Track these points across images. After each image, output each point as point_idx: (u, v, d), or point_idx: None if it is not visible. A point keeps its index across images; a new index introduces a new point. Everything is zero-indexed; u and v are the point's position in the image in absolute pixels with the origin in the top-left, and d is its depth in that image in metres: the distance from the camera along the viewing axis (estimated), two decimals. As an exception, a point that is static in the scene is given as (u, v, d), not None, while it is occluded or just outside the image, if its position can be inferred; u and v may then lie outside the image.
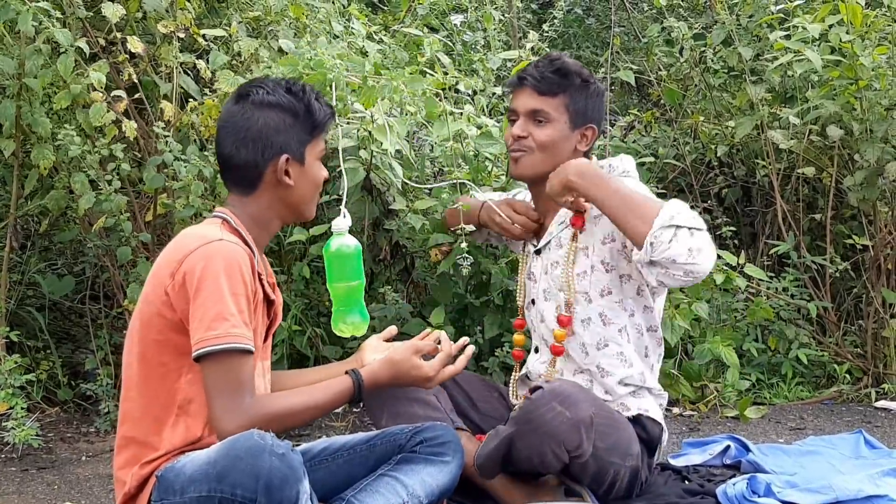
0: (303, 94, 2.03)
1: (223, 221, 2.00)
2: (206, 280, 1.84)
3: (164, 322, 1.89)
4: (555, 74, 2.44)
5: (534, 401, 2.21)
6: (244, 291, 1.87)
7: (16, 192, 3.38)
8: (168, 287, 1.88)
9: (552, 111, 2.43)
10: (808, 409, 3.63)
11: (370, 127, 2.95)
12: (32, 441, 3.08)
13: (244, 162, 2.00)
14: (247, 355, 1.85)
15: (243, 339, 1.84)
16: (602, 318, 2.44)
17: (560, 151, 2.44)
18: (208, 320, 1.82)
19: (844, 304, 4.12)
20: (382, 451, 2.14)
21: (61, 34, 2.94)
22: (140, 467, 1.91)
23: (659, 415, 2.49)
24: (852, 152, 3.88)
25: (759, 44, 4.10)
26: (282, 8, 3.43)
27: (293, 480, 1.72)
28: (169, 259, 1.91)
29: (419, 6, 4.06)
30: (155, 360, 1.92)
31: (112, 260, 3.40)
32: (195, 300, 1.84)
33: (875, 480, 2.56)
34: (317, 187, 2.09)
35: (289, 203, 2.05)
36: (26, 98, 3.11)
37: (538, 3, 5.75)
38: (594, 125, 2.48)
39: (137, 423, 1.94)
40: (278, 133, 1.99)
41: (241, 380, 1.84)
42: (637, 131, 4.60)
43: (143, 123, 3.37)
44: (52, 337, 3.70)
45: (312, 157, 2.06)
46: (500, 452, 2.25)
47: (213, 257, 1.86)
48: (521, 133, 2.45)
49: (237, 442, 1.73)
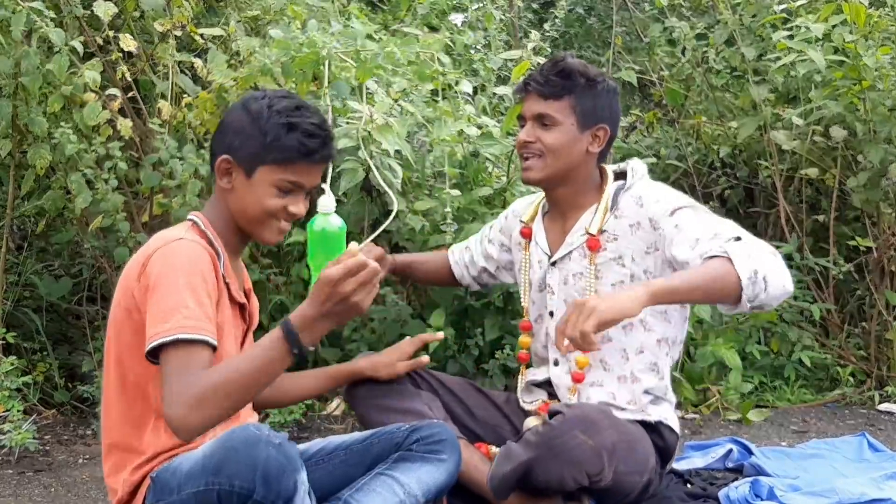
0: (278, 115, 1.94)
1: (192, 224, 1.99)
2: (162, 276, 1.81)
3: (133, 325, 1.87)
4: (558, 76, 2.38)
5: (555, 427, 2.17)
6: (203, 287, 1.83)
7: (12, 193, 3.36)
8: (135, 290, 1.86)
9: (557, 114, 2.38)
10: (811, 412, 3.61)
11: (369, 127, 2.93)
12: (29, 444, 3.06)
13: (210, 151, 2.03)
14: (202, 346, 1.75)
15: (198, 330, 1.76)
16: (644, 325, 2.39)
17: (570, 154, 2.39)
18: (161, 314, 1.76)
19: (848, 306, 4.10)
20: (379, 450, 2.12)
21: (55, 34, 2.93)
22: (130, 473, 1.89)
23: (676, 423, 2.47)
24: (856, 153, 3.87)
25: (762, 44, 4.08)
26: (280, 7, 3.41)
27: (290, 470, 1.70)
28: (136, 262, 1.90)
29: (419, 6, 4.05)
30: (128, 364, 1.90)
31: (109, 261, 3.39)
32: (151, 297, 1.80)
33: (878, 484, 2.55)
34: (264, 211, 1.97)
35: (234, 209, 1.99)
36: (23, 97, 3.09)
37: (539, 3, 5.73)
38: (606, 125, 2.41)
39: (118, 429, 1.92)
40: (237, 134, 1.96)
41: (188, 369, 1.72)
42: (639, 132, 4.59)
43: (140, 123, 3.35)
44: (49, 339, 3.68)
45: (267, 178, 1.95)
46: (517, 476, 2.21)
47: (170, 255, 1.84)
48: (529, 138, 2.41)
49: (233, 434, 1.72)
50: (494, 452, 2.47)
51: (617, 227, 2.37)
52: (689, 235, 2.19)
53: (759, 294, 2.04)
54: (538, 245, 2.53)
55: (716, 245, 2.11)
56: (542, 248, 2.52)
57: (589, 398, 2.43)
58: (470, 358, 3.33)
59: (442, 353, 3.30)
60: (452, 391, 2.56)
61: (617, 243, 2.37)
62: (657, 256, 2.32)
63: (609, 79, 2.44)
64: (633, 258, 2.35)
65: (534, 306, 2.56)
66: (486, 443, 2.52)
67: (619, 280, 2.37)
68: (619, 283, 2.36)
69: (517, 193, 3.26)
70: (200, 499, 1.73)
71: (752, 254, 2.06)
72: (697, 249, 2.14)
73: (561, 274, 2.46)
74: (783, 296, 2.10)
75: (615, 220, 2.38)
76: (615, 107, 2.45)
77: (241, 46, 3.20)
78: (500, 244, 2.68)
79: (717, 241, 2.13)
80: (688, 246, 2.18)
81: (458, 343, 3.32)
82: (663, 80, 4.51)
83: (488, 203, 3.28)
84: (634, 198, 2.36)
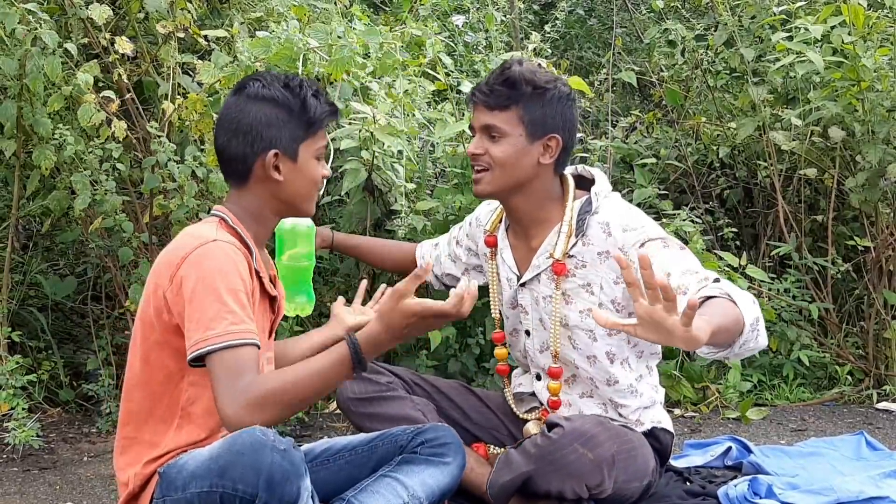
0: (299, 89, 1.99)
1: (220, 220, 1.99)
2: (201, 281, 1.82)
3: (163, 325, 1.89)
4: (503, 86, 2.27)
5: (555, 441, 2.19)
6: (242, 288, 1.86)
7: (17, 193, 3.38)
8: (166, 290, 1.87)
9: (504, 125, 2.27)
10: (809, 410, 3.63)
11: (372, 127, 2.96)
12: (34, 442, 3.08)
13: (234, 154, 1.98)
14: (250, 348, 1.82)
15: (245, 335, 1.81)
16: (609, 356, 2.37)
17: (519, 166, 2.29)
18: (206, 320, 1.80)
19: (846, 305, 4.11)
20: (384, 452, 2.14)
21: (47, 35, 2.94)
22: (143, 466, 1.91)
23: (669, 423, 2.48)
24: (854, 154, 3.88)
25: (761, 45, 4.10)
26: (283, 8, 3.43)
27: (294, 477, 1.72)
28: (167, 262, 1.90)
29: (421, 7, 4.07)
30: (158, 362, 1.92)
31: (114, 261, 3.40)
32: (191, 303, 1.82)
33: (876, 482, 2.57)
34: (313, 184, 2.04)
35: (281, 198, 2.02)
36: (27, 98, 3.11)
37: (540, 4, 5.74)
38: (558, 134, 2.29)
39: (142, 425, 1.94)
40: (269, 127, 1.96)
41: (240, 369, 1.79)
42: (639, 132, 4.60)
43: (143, 124, 3.37)
44: (54, 337, 3.69)
45: (308, 154, 2.01)
46: (516, 485, 2.24)
47: (207, 257, 1.85)
48: (477, 150, 2.30)
49: (239, 437, 1.73)
50: (493, 452, 2.50)
51: (585, 253, 2.31)
52: (660, 268, 2.07)
53: (750, 343, 1.91)
54: (505, 262, 2.48)
55: (693, 282, 2.01)
56: (509, 266, 2.47)
57: (581, 410, 2.43)
58: (471, 357, 3.34)
59: (443, 352, 3.32)
60: (447, 395, 2.57)
61: (585, 270, 2.32)
62: (625, 287, 2.23)
63: (562, 84, 2.32)
64: (601, 286, 2.31)
65: (507, 321, 2.54)
66: (484, 443, 2.54)
67: (587, 307, 2.32)
68: (588, 311, 2.31)
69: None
70: (204, 500, 1.75)
71: (752, 299, 1.95)
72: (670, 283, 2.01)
73: (531, 295, 2.42)
74: (758, 349, 1.98)
75: (583, 246, 2.31)
76: (568, 114, 2.32)
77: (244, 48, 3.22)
78: (468, 248, 2.63)
79: (691, 277, 2.03)
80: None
81: (459, 342, 3.34)
82: (663, 80, 4.53)
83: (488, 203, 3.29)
84: (602, 224, 2.29)
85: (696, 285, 2.00)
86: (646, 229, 2.25)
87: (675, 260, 2.11)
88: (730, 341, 1.88)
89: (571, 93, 2.36)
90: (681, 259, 2.12)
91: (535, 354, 2.48)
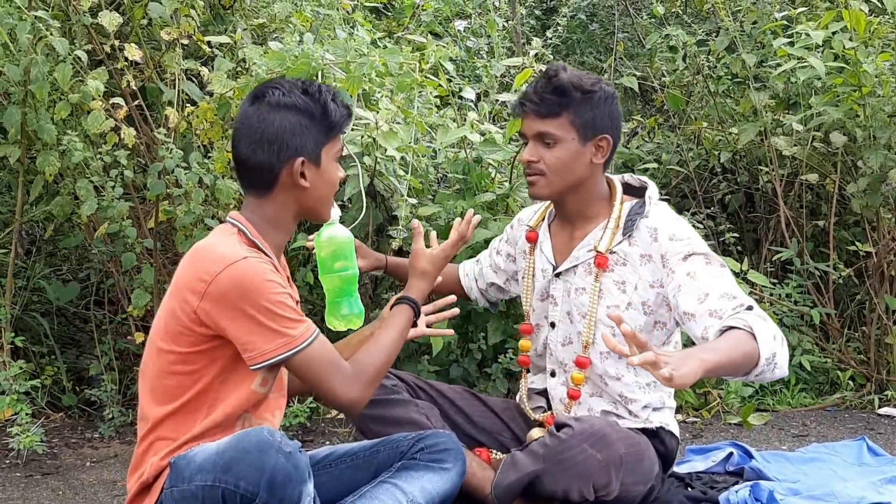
0: (319, 94, 2.01)
1: (239, 232, 1.99)
2: (246, 299, 1.86)
3: (197, 336, 1.90)
4: (553, 94, 2.34)
5: (564, 441, 2.19)
6: (283, 291, 1.91)
7: (21, 198, 3.39)
8: (197, 307, 1.88)
9: (558, 131, 2.34)
10: (811, 415, 3.63)
11: (374, 133, 2.97)
12: (37, 447, 3.08)
13: (260, 164, 1.98)
14: (321, 338, 1.95)
15: (310, 331, 1.93)
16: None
17: (574, 169, 2.37)
18: (269, 333, 1.87)
19: (848, 310, 4.11)
20: (384, 458, 2.15)
21: (58, 43, 2.95)
22: (161, 458, 1.92)
23: (676, 428, 2.48)
24: (855, 159, 3.89)
25: (763, 50, 4.11)
26: (286, 15, 3.44)
27: (297, 480, 1.73)
28: (193, 277, 1.90)
29: (423, 13, 4.08)
30: (188, 369, 1.92)
31: (117, 266, 3.42)
32: (240, 320, 1.86)
33: (878, 488, 2.57)
34: (333, 187, 2.07)
35: (305, 204, 2.04)
36: (32, 104, 3.12)
37: (542, 9, 5.75)
38: (608, 134, 2.38)
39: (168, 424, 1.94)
40: (294, 135, 1.97)
41: (332, 359, 1.95)
42: (640, 137, 4.61)
43: (147, 130, 3.38)
44: (57, 342, 3.70)
45: (329, 158, 2.04)
46: (522, 485, 2.24)
47: (242, 277, 1.87)
48: (532, 157, 2.37)
49: (247, 435, 1.75)
50: (495, 458, 2.50)
51: (629, 253, 2.36)
52: (700, 287, 2.15)
53: (766, 374, 1.97)
54: (543, 253, 2.53)
55: (728, 308, 2.06)
56: (547, 256, 2.51)
57: (591, 409, 2.44)
58: (473, 362, 3.35)
59: (445, 357, 3.32)
60: (451, 400, 2.57)
61: (624, 269, 2.36)
62: (659, 293, 2.32)
63: (605, 85, 2.41)
64: (636, 287, 2.35)
65: (534, 313, 2.55)
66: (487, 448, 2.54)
67: (615, 304, 2.36)
68: (615, 307, 2.35)
69: (519, 199, 3.29)
70: (207, 493, 1.77)
71: (774, 334, 1.99)
72: (706, 305, 2.10)
73: (564, 286, 2.45)
74: (777, 378, 2.03)
75: (628, 245, 2.36)
76: (615, 113, 2.41)
77: (248, 54, 3.23)
78: (507, 255, 2.67)
79: (727, 302, 2.08)
80: (695, 298, 2.13)
81: (461, 347, 3.35)
82: (664, 85, 4.54)
83: (491, 209, 3.31)
84: (650, 229, 2.33)
85: (731, 311, 2.05)
86: (691, 242, 2.28)
87: (716, 281, 2.16)
88: (739, 373, 1.95)
89: (615, 92, 2.45)
90: (720, 280, 2.17)
91: (557, 348, 2.49)
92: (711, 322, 2.06)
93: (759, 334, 1.94)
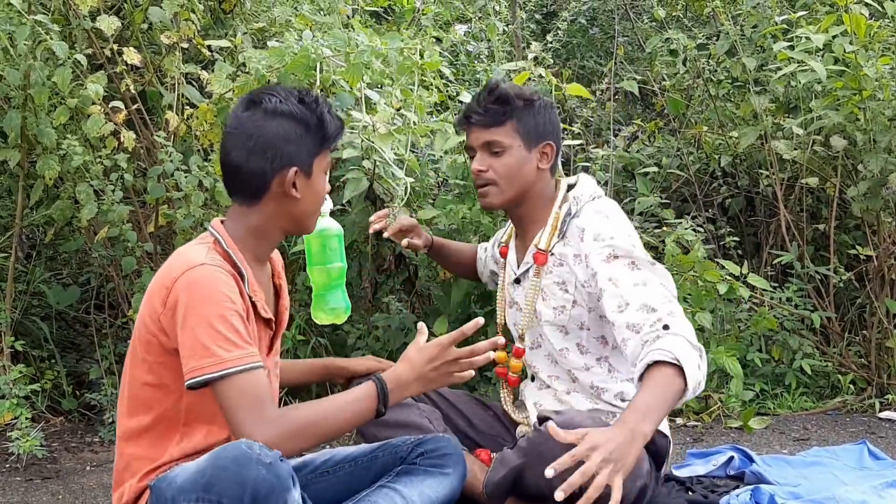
0: (315, 105, 1.98)
1: (214, 241, 1.96)
2: (192, 308, 1.81)
3: (161, 347, 1.88)
4: (496, 104, 2.42)
5: (543, 433, 2.18)
6: (234, 310, 1.84)
7: (21, 202, 3.40)
8: (160, 314, 1.86)
9: (504, 139, 2.42)
10: (811, 419, 3.62)
11: (372, 136, 2.97)
12: (37, 451, 3.08)
13: (252, 171, 1.94)
14: (256, 371, 1.82)
15: (245, 360, 1.81)
16: (579, 348, 2.45)
17: (523, 175, 2.44)
18: (201, 348, 1.79)
19: (848, 314, 4.11)
20: (384, 463, 2.14)
21: (58, 46, 2.95)
22: (139, 479, 1.91)
23: (665, 426, 2.49)
24: (856, 162, 3.89)
25: (763, 54, 4.11)
26: (286, 19, 3.44)
27: (280, 490, 1.70)
28: (160, 285, 1.88)
29: (423, 17, 4.08)
30: (157, 381, 1.91)
31: (117, 270, 3.42)
32: (184, 329, 1.81)
33: (879, 492, 2.56)
34: (321, 200, 2.05)
35: (292, 215, 2.00)
36: (31, 108, 3.12)
37: (542, 14, 5.76)
38: (551, 140, 2.46)
39: (140, 441, 1.93)
40: (289, 143, 1.93)
41: (259, 395, 1.81)
42: (640, 141, 4.61)
43: (147, 134, 3.38)
44: (57, 347, 3.70)
45: (319, 170, 2.01)
46: (509, 481, 2.26)
47: (194, 284, 1.83)
48: (481, 167, 2.44)
49: (224, 451, 1.71)
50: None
51: (564, 253, 2.41)
52: (620, 295, 2.20)
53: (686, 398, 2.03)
54: (509, 265, 2.61)
55: (646, 323, 2.11)
56: (511, 267, 2.59)
57: (572, 406, 2.47)
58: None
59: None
60: (453, 403, 2.60)
61: (562, 269, 2.42)
62: (589, 292, 2.37)
63: (543, 96, 2.49)
64: (575, 286, 2.40)
65: (509, 323, 2.63)
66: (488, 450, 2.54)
67: (561, 305, 2.42)
68: (561, 308, 2.42)
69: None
70: None
71: (699, 362, 2.03)
72: (625, 316, 2.16)
73: (524, 291, 2.52)
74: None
75: (563, 246, 2.42)
76: (555, 120, 2.50)
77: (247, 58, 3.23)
78: (495, 260, 2.76)
79: (646, 315, 2.13)
80: (616, 306, 2.20)
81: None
82: (665, 89, 4.54)
83: (490, 214, 3.31)
84: (578, 229, 2.39)
85: (648, 329, 2.10)
86: (616, 242, 2.29)
87: (637, 290, 2.20)
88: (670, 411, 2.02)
89: (552, 102, 2.53)
90: (641, 289, 2.20)
91: (528, 353, 2.56)
92: (629, 335, 2.13)
93: (686, 368, 1.98)
